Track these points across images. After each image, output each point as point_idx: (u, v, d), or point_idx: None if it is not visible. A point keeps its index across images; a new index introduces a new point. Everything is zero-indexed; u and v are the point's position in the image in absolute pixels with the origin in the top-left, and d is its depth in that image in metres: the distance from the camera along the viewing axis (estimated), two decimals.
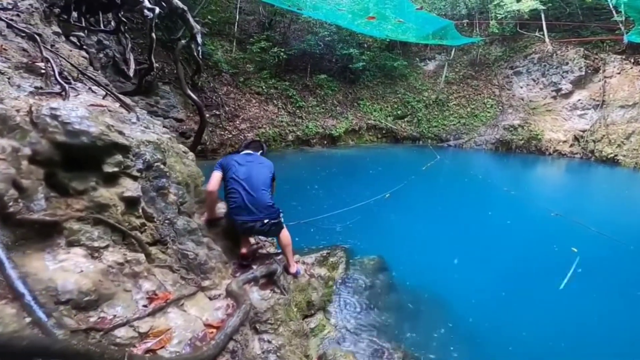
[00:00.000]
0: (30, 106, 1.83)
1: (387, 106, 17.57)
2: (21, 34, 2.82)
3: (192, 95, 6.42)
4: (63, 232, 1.71)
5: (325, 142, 15.08)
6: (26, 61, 2.48)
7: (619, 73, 14.71)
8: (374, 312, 3.79)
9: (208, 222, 2.92)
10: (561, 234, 6.19)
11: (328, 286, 3.88)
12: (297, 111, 14.94)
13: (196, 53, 5.79)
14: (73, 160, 1.85)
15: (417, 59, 20.04)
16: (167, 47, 11.29)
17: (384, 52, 18.83)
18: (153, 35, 5.15)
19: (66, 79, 2.54)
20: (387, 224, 6.59)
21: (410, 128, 17.21)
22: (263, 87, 14.56)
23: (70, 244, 1.71)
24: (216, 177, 2.91)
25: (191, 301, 2.09)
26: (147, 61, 5.82)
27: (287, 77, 15.64)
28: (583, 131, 14.63)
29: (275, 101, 14.64)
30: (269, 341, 2.34)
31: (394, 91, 17.99)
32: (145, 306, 1.80)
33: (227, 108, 12.89)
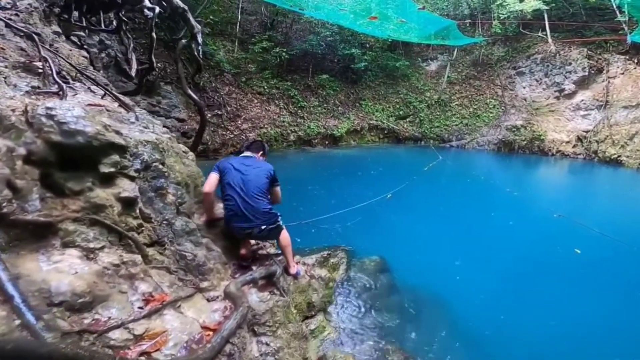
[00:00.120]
0: (25, 106, 1.82)
1: (389, 106, 17.53)
2: (19, 34, 2.80)
3: (193, 95, 6.42)
4: (58, 233, 1.69)
5: (327, 143, 15.07)
6: (24, 60, 2.46)
7: (623, 73, 14.62)
8: (375, 313, 3.76)
9: (208, 223, 2.89)
10: (564, 236, 6.14)
11: (329, 287, 3.85)
12: (299, 111, 14.93)
13: (197, 53, 5.77)
14: (69, 160, 1.83)
15: (420, 59, 20.01)
16: (169, 47, 11.32)
17: (386, 52, 18.82)
18: (153, 34, 5.15)
19: (64, 79, 2.53)
20: (389, 225, 6.56)
21: (412, 128, 17.17)
22: (265, 87, 14.57)
23: (65, 245, 1.69)
24: (213, 179, 2.88)
25: (188, 303, 2.06)
26: (149, 61, 5.83)
27: (289, 77, 15.64)
28: (586, 132, 14.55)
29: (277, 101, 14.64)
30: (267, 344, 2.31)
31: (396, 91, 17.95)
32: (141, 308, 1.77)
33: (229, 108, 12.90)
